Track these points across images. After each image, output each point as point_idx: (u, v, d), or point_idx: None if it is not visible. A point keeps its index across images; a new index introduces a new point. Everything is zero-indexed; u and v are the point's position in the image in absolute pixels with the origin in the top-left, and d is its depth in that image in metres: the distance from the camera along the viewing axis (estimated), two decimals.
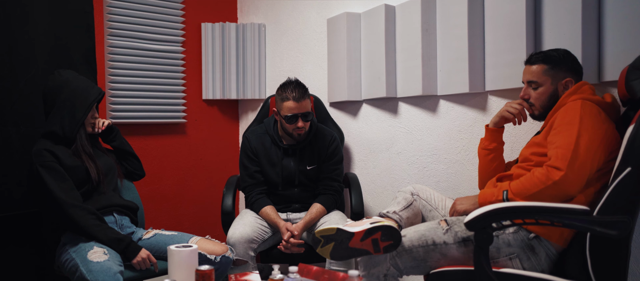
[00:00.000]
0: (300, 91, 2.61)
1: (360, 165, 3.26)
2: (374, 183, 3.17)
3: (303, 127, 2.64)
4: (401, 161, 3.02)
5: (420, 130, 2.91)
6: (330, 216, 2.67)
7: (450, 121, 2.77)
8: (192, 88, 3.63)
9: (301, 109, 2.61)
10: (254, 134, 2.79)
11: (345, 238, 1.98)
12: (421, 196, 2.30)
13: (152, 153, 3.46)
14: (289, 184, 2.75)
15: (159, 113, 3.43)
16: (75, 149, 2.37)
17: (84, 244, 2.17)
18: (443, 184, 2.81)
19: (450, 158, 2.78)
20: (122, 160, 2.67)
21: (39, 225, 2.52)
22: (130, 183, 2.73)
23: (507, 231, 1.91)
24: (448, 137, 2.78)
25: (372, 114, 3.16)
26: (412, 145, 2.95)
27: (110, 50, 3.20)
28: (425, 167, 2.90)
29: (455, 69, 2.65)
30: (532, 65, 2.10)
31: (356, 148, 3.27)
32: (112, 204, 2.38)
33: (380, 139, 3.12)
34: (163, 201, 3.51)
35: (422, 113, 2.90)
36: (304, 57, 3.54)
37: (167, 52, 3.46)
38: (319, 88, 3.43)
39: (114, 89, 3.23)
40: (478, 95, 2.64)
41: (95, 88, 2.46)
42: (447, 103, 2.78)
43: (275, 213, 2.65)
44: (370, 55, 3.06)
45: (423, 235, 1.99)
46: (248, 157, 2.76)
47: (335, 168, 2.77)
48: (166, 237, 2.40)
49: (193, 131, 3.65)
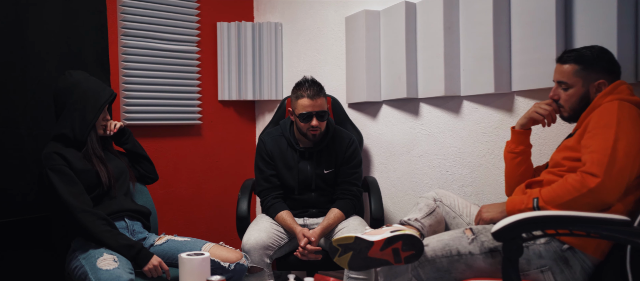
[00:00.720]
0: (315, 89, 2.51)
1: (380, 168, 3.15)
2: (395, 188, 3.06)
3: (317, 127, 2.54)
4: (423, 164, 2.90)
5: (442, 132, 2.80)
6: (349, 222, 2.57)
7: (474, 123, 2.65)
8: (208, 89, 3.56)
9: (316, 107, 2.51)
10: (269, 136, 2.70)
11: (363, 248, 1.87)
12: (444, 202, 2.19)
13: (167, 155, 3.39)
14: (305, 188, 2.65)
15: (174, 115, 3.36)
16: (86, 152, 2.30)
17: (94, 251, 2.10)
18: (467, 189, 2.69)
19: (475, 162, 2.65)
20: (134, 163, 2.60)
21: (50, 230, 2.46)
22: (143, 186, 2.65)
23: (538, 242, 1.79)
24: (472, 139, 2.66)
25: (392, 115, 3.05)
26: (434, 147, 2.84)
27: (124, 51, 3.14)
28: (448, 171, 2.78)
29: (480, 68, 2.53)
30: (563, 64, 1.97)
31: (376, 150, 3.16)
32: (123, 209, 2.31)
33: (400, 141, 3.01)
34: (178, 205, 3.44)
35: (444, 114, 2.78)
36: (321, 56, 3.44)
37: (182, 52, 3.38)
38: (337, 88, 3.32)
39: (128, 90, 3.16)
40: (504, 96, 2.52)
41: (106, 89, 2.39)
42: (471, 104, 2.66)
43: (291, 218, 2.56)
44: (390, 54, 2.95)
45: (447, 245, 1.88)
46: (263, 160, 2.67)
47: (354, 172, 2.67)
48: (179, 243, 2.32)
49: (208, 133, 3.58)
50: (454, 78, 2.67)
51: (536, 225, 1.58)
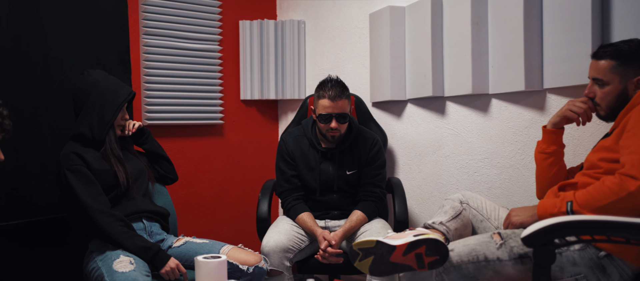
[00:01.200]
0: (337, 90, 2.43)
1: (404, 169, 3.05)
2: (420, 189, 2.96)
3: (337, 129, 2.45)
4: (449, 165, 2.80)
5: (470, 132, 2.69)
6: (372, 225, 2.48)
7: (503, 122, 2.54)
8: (230, 88, 3.51)
9: (336, 109, 2.43)
10: (291, 136, 2.63)
11: (385, 252, 1.79)
12: (471, 205, 2.09)
13: (188, 155, 3.35)
14: (327, 190, 2.57)
15: (196, 115, 3.32)
16: (104, 152, 2.27)
17: (111, 252, 2.06)
18: (496, 191, 2.58)
19: (504, 163, 2.54)
20: (154, 164, 2.56)
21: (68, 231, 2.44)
22: (163, 187, 2.61)
23: (572, 248, 1.68)
24: (501, 139, 2.55)
25: (417, 115, 2.95)
26: (461, 148, 2.73)
27: (146, 50, 3.11)
28: (475, 172, 2.67)
29: (509, 64, 2.42)
30: (599, 59, 1.86)
31: (400, 151, 3.07)
32: (141, 210, 2.27)
33: (426, 141, 2.91)
34: (199, 205, 3.40)
35: (472, 113, 2.68)
36: (345, 54, 3.36)
37: (204, 51, 3.34)
38: (360, 87, 3.24)
39: (150, 90, 3.13)
40: (535, 94, 2.40)
41: (125, 88, 2.36)
42: (500, 102, 2.55)
43: (312, 220, 2.49)
44: (416, 51, 2.86)
45: (473, 250, 1.78)
46: (284, 160, 2.60)
47: (377, 173, 2.58)
48: (197, 245, 2.27)
49: (231, 133, 3.53)
50: (482, 75, 2.57)
51: (570, 230, 1.48)
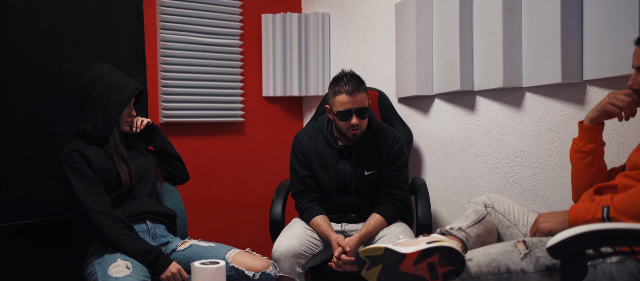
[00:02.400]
0: (354, 83, 2.25)
1: (431, 169, 2.85)
2: (448, 191, 2.75)
3: (358, 126, 2.28)
4: (479, 165, 2.58)
5: (501, 129, 2.47)
6: (391, 230, 2.30)
7: (538, 118, 2.31)
8: (251, 84, 3.39)
9: (355, 104, 2.25)
10: (305, 134, 2.48)
11: (395, 261, 1.61)
12: (497, 208, 1.88)
13: (208, 154, 3.24)
14: (344, 191, 2.40)
15: (216, 112, 3.21)
16: (108, 150, 2.17)
17: (109, 256, 1.96)
18: (529, 193, 2.35)
19: (539, 162, 2.31)
20: (164, 162, 2.45)
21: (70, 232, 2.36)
22: (173, 187, 2.50)
23: (608, 260, 1.46)
24: (536, 137, 2.32)
25: (445, 111, 2.74)
26: (492, 146, 2.51)
27: (163, 45, 3.01)
28: (507, 173, 2.45)
29: (545, 54, 2.20)
30: None
31: (427, 150, 2.87)
32: (145, 211, 2.16)
33: (454, 139, 2.70)
34: (220, 205, 3.29)
35: (503, 108, 2.45)
36: (370, 48, 3.18)
37: (224, 46, 3.22)
38: (386, 82, 3.06)
39: (167, 86, 3.04)
40: (574, 86, 2.17)
41: (131, 83, 2.26)
42: (534, 96, 2.32)
43: (327, 224, 2.32)
44: (443, 43, 2.65)
45: (494, 260, 1.58)
46: (298, 159, 2.45)
47: (399, 173, 2.39)
48: (202, 249, 2.14)
49: (252, 131, 3.40)
50: (514, 67, 2.35)
51: (605, 240, 1.28)
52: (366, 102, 2.30)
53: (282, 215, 2.48)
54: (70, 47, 2.57)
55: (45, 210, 2.40)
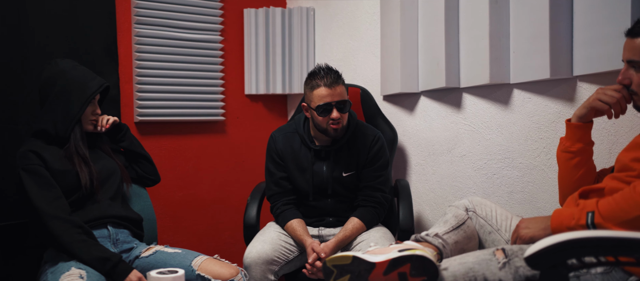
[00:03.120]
0: (332, 76, 2.14)
1: (417, 170, 2.72)
2: (434, 193, 2.62)
3: (339, 120, 2.16)
4: (465, 166, 2.45)
5: (488, 128, 2.34)
6: (370, 234, 2.17)
7: (526, 116, 2.18)
8: (233, 82, 3.26)
9: (335, 97, 2.13)
10: (281, 133, 2.35)
11: (363, 270, 1.48)
12: (479, 213, 1.75)
13: (187, 154, 3.11)
14: (321, 194, 2.27)
15: (195, 110, 3.08)
16: (68, 150, 2.05)
17: (63, 264, 1.83)
18: (517, 196, 2.22)
19: (527, 163, 2.18)
20: (132, 163, 2.33)
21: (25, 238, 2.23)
22: (143, 189, 2.37)
23: (592, 271, 1.33)
24: (524, 136, 2.19)
25: (431, 109, 2.61)
26: (479, 146, 2.38)
27: (138, 40, 2.88)
28: (494, 174, 2.32)
29: (534, 49, 2.07)
30: (635, 38, 1.51)
31: (412, 150, 2.74)
32: (107, 215, 2.03)
33: (440, 139, 2.57)
34: (200, 208, 3.16)
35: (491, 106, 2.32)
36: (355, 43, 3.05)
37: (204, 42, 3.09)
38: (371, 79, 2.93)
39: (143, 84, 2.91)
40: (563, 82, 2.04)
41: (95, 79, 2.13)
42: (522, 93, 2.19)
43: (302, 228, 2.19)
44: (429, 37, 2.52)
45: (471, 270, 1.45)
46: (273, 160, 2.32)
47: (379, 175, 2.26)
48: (167, 256, 2.01)
49: (234, 130, 3.27)
50: (501, 62, 2.22)
51: (588, 249, 1.16)
52: (346, 95, 2.18)
53: (257, 219, 2.35)
54: (36, 43, 2.46)
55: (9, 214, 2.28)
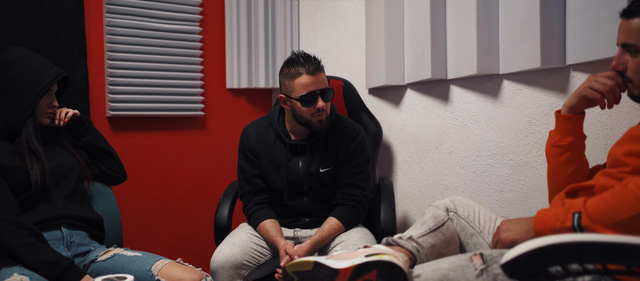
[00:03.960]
0: (314, 63, 1.99)
1: (403, 167, 2.56)
2: (420, 192, 2.47)
3: (324, 110, 2.01)
4: (453, 163, 2.29)
5: (477, 122, 2.18)
6: (349, 236, 2.01)
7: (517, 109, 2.02)
8: (213, 75, 3.10)
9: (319, 84, 1.98)
10: (254, 128, 2.19)
11: (326, 277, 1.33)
12: (460, 213, 1.60)
13: (164, 151, 2.97)
14: (296, 191, 2.12)
15: (172, 105, 2.93)
16: (19, 146, 1.90)
17: (7, 269, 1.68)
18: (507, 195, 2.06)
19: (518, 160, 2.02)
20: (96, 160, 2.18)
21: None
22: (107, 188, 2.23)
23: (579, 279, 1.17)
24: (514, 130, 2.03)
25: (417, 102, 2.46)
26: (467, 141, 2.22)
27: (110, 30, 2.73)
28: (483, 171, 2.16)
29: (524, 36, 1.91)
30: (630, 18, 1.35)
31: (398, 146, 2.58)
32: (61, 216, 1.88)
33: (427, 134, 2.41)
34: (178, 208, 3.01)
35: (479, 99, 2.17)
36: (340, 34, 2.89)
37: (181, 32, 2.93)
38: (356, 71, 2.77)
39: (115, 76, 2.76)
40: (555, 72, 1.88)
41: (52, 69, 1.98)
42: (512, 84, 2.04)
43: (276, 229, 2.04)
44: (414, 25, 2.37)
45: (445, 277, 1.29)
46: (246, 157, 2.16)
47: (358, 171, 2.11)
48: (125, 259, 1.86)
49: (214, 126, 3.12)
50: (490, 51, 2.06)
51: (572, 256, 1.03)
52: (327, 83, 2.03)
53: (229, 220, 2.20)
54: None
55: None
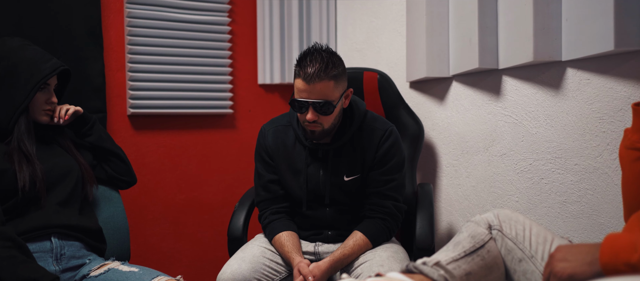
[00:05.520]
0: (318, 66, 1.64)
1: (448, 172, 2.23)
2: (468, 200, 2.13)
3: (318, 123, 1.71)
4: (506, 167, 1.94)
5: (534, 120, 1.83)
6: (376, 254, 1.71)
7: (584, 103, 1.66)
8: (244, 70, 2.87)
9: (313, 95, 1.66)
10: (273, 126, 1.93)
11: None
12: (506, 232, 1.27)
13: (189, 152, 2.76)
14: (317, 202, 1.84)
15: (198, 102, 2.71)
16: (10, 146, 1.72)
17: None
18: (572, 207, 1.70)
19: (585, 165, 1.66)
20: (102, 162, 1.99)
21: None
22: (115, 193, 2.03)
23: None
24: (581, 129, 1.67)
25: (464, 96, 2.12)
26: (523, 142, 1.87)
27: (131, 22, 2.55)
28: (542, 178, 1.81)
29: (593, 13, 1.56)
30: None
31: (443, 147, 2.25)
32: (51, 224, 1.68)
33: (476, 134, 2.07)
34: (204, 212, 2.80)
35: (537, 91, 1.81)
36: (379, 21, 2.59)
37: (208, 24, 2.71)
38: (396, 63, 2.47)
39: (137, 72, 2.57)
40: (634, 56, 1.52)
41: (50, 61, 1.80)
42: (578, 73, 1.67)
43: (292, 243, 1.77)
44: (460, 6, 2.04)
45: None
46: (262, 160, 1.90)
47: (391, 178, 1.80)
48: (120, 275, 1.65)
49: (245, 125, 2.89)
50: (549, 34, 1.71)
51: None
52: (333, 94, 1.68)
53: (244, 230, 1.95)
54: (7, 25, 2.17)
55: None
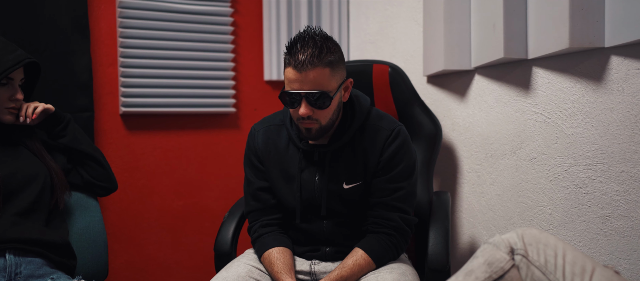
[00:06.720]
0: (310, 51, 1.38)
1: (470, 178, 1.95)
2: (493, 211, 1.85)
3: (314, 120, 1.45)
4: (536, 173, 1.66)
5: (570, 118, 1.54)
6: (379, 276, 1.45)
7: (632, 98, 1.37)
8: (248, 65, 2.64)
9: (305, 84, 1.40)
10: (263, 126, 1.68)
11: None
12: (532, 258, 1.02)
13: (188, 155, 2.54)
14: (312, 213, 1.59)
15: (198, 100, 2.50)
16: None
17: None
18: (618, 223, 1.42)
19: (634, 173, 1.38)
20: (77, 166, 1.78)
21: None
22: (92, 200, 1.82)
23: None
24: (629, 129, 1.39)
25: (488, 92, 1.85)
26: (557, 145, 1.59)
27: (123, 13, 2.34)
28: (580, 187, 1.52)
29: None
30: None
31: (464, 150, 1.98)
32: (4, 239, 1.48)
33: (502, 135, 1.80)
34: (205, 219, 2.58)
35: (573, 85, 1.53)
36: (394, 9, 2.33)
37: (208, 14, 2.50)
38: (413, 55, 2.20)
39: (130, 67, 2.37)
40: None
41: (14, 53, 1.61)
42: (625, 62, 1.39)
43: (283, 261, 1.52)
44: None
45: None
46: (251, 164, 1.66)
47: (398, 187, 1.54)
48: None
49: (250, 125, 2.61)
50: (588, 16, 1.42)
51: None
52: (329, 84, 1.42)
53: (232, 245, 1.71)
54: None
55: None
